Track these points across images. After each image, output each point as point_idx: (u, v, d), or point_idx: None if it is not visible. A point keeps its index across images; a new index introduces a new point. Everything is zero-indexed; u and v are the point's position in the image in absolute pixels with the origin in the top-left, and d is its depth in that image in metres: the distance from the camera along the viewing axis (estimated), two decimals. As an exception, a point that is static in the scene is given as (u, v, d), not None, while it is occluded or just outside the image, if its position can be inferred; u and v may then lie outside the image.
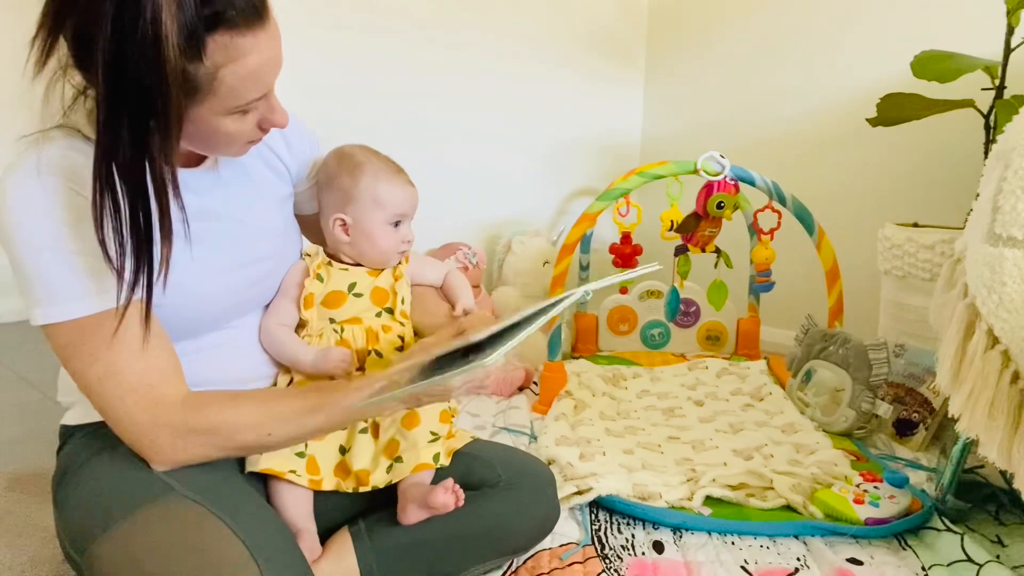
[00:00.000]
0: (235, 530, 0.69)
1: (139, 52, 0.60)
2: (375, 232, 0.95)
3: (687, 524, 1.12)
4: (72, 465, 0.81)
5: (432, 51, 2.21)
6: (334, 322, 0.93)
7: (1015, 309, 0.84)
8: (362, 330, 0.93)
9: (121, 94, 0.62)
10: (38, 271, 0.70)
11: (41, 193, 0.70)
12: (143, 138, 0.64)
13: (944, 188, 1.87)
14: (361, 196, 0.94)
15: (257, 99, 0.72)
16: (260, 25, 0.68)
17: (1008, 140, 0.91)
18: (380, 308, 0.95)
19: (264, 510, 0.78)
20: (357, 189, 0.94)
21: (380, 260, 0.97)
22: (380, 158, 0.97)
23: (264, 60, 0.69)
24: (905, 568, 1.00)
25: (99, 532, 0.72)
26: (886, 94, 1.62)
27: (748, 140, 2.34)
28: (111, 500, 0.74)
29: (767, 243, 1.82)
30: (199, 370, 0.83)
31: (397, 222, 0.96)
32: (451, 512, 0.87)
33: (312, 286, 0.93)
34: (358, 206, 0.94)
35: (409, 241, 0.97)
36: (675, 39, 2.61)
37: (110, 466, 0.77)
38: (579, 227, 1.86)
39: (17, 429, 1.57)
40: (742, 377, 1.81)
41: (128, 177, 0.65)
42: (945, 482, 1.12)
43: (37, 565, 1.03)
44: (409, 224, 0.98)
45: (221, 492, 0.75)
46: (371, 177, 0.94)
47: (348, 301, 0.94)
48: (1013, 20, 1.49)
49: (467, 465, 0.94)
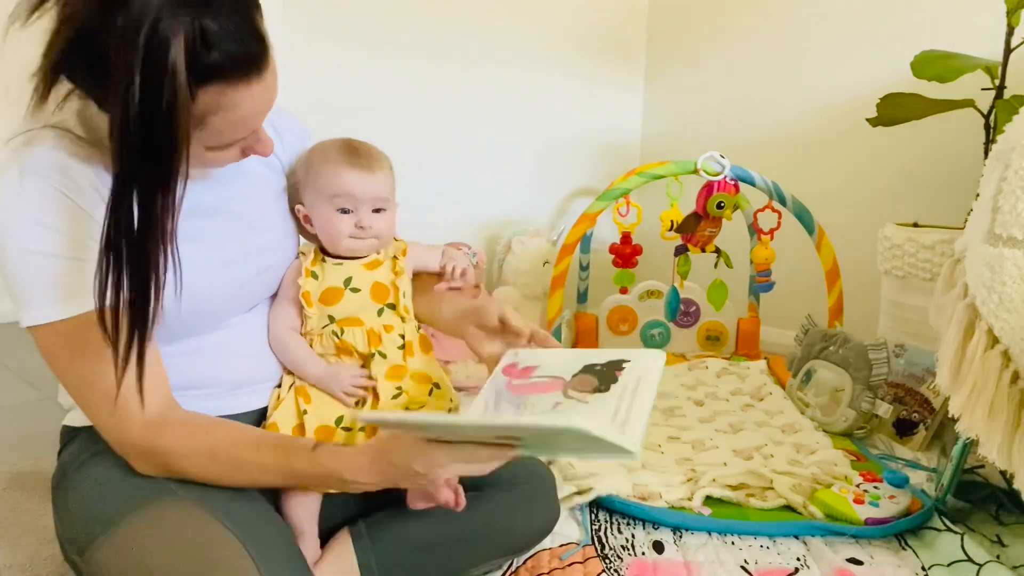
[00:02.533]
0: (234, 532, 0.69)
1: (159, 115, 0.59)
2: (322, 218, 0.92)
3: (687, 524, 1.12)
4: (71, 466, 0.81)
5: (432, 51, 2.21)
6: (333, 321, 0.92)
7: (1015, 309, 0.84)
8: (363, 332, 0.91)
9: (134, 153, 0.60)
10: (22, 274, 0.70)
11: (27, 198, 0.69)
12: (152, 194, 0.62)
13: (944, 188, 1.87)
14: (308, 183, 0.92)
15: (242, 138, 0.72)
16: (257, 77, 0.65)
17: (1008, 140, 0.91)
18: (381, 304, 0.94)
19: (264, 512, 0.78)
20: (307, 176, 0.92)
21: (343, 249, 0.93)
22: (339, 146, 0.92)
23: (255, 109, 0.68)
24: (905, 568, 1.00)
25: (99, 535, 0.72)
26: (886, 94, 1.62)
27: (748, 140, 2.34)
28: (110, 503, 0.74)
29: (767, 243, 1.82)
30: (200, 370, 0.83)
31: (345, 208, 0.91)
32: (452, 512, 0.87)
33: (307, 284, 0.92)
34: (308, 193, 0.92)
35: (363, 227, 0.91)
36: (675, 39, 2.61)
37: (110, 468, 0.77)
38: (579, 227, 1.86)
39: (17, 429, 1.57)
40: (742, 377, 1.81)
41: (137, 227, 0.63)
42: (945, 482, 1.12)
43: (37, 565, 1.03)
44: (367, 210, 0.92)
45: (221, 494, 0.75)
46: (317, 163, 0.91)
47: (345, 297, 0.92)
48: (1013, 20, 1.49)
49: None
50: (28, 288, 0.70)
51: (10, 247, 0.70)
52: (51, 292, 0.70)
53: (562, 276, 1.85)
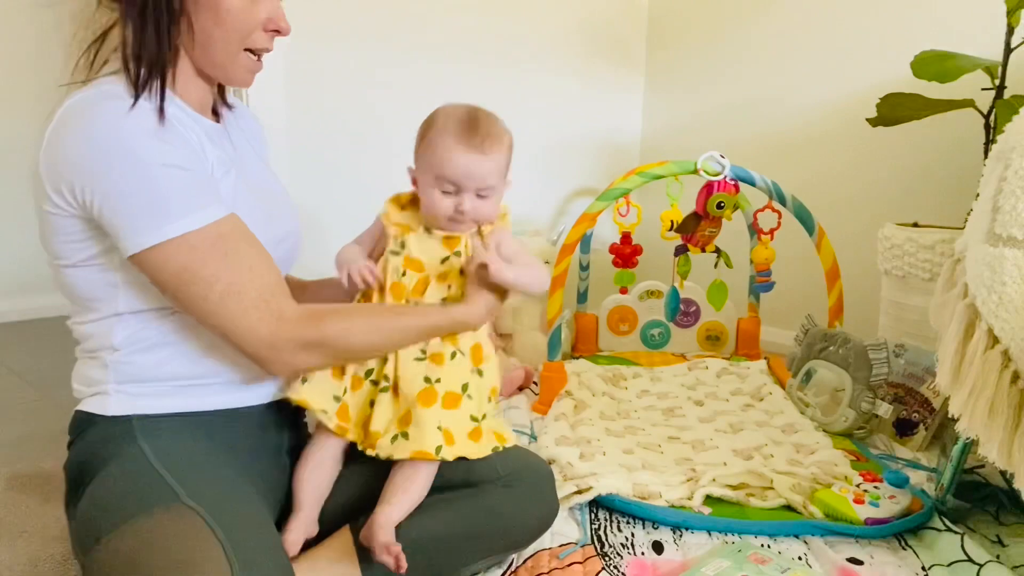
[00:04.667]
0: (226, 547, 0.68)
1: None
2: (425, 191, 0.92)
3: (687, 523, 1.12)
4: (88, 463, 0.80)
5: (431, 52, 2.21)
6: (401, 252, 0.92)
7: (1015, 309, 0.84)
8: (420, 279, 0.92)
9: None
10: (154, 188, 0.72)
11: (139, 118, 0.73)
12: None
13: (944, 188, 1.87)
14: (421, 148, 0.93)
15: None
16: None
17: (1008, 140, 0.91)
18: (445, 285, 0.93)
19: (265, 525, 0.77)
20: (422, 141, 0.93)
21: (439, 226, 0.93)
22: (461, 118, 0.91)
23: None
24: (905, 568, 1.00)
25: (103, 535, 0.72)
26: (886, 94, 1.62)
27: (748, 140, 2.34)
28: (113, 506, 0.74)
29: (767, 243, 1.82)
30: (215, 361, 0.84)
31: (447, 190, 0.90)
32: (451, 508, 0.87)
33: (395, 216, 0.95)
34: (419, 158, 0.93)
35: (463, 212, 0.90)
36: (675, 39, 2.61)
37: (124, 470, 0.77)
38: (579, 227, 1.86)
39: (17, 429, 1.57)
40: (742, 377, 1.81)
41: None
42: (945, 482, 1.12)
43: (37, 565, 1.03)
44: (471, 195, 0.91)
45: (225, 501, 0.74)
46: (434, 133, 0.91)
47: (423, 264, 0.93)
48: (1013, 20, 1.49)
49: (468, 463, 0.94)
50: (163, 201, 0.73)
51: (137, 163, 0.72)
52: (189, 201, 0.74)
53: (562, 276, 1.85)
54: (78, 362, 0.87)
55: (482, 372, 0.94)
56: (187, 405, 0.84)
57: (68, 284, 0.81)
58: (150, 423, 0.81)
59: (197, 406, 0.85)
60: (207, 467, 0.79)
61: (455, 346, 0.91)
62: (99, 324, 0.82)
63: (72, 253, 0.78)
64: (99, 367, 0.83)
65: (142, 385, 0.83)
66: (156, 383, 0.83)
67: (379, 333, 0.86)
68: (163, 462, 0.77)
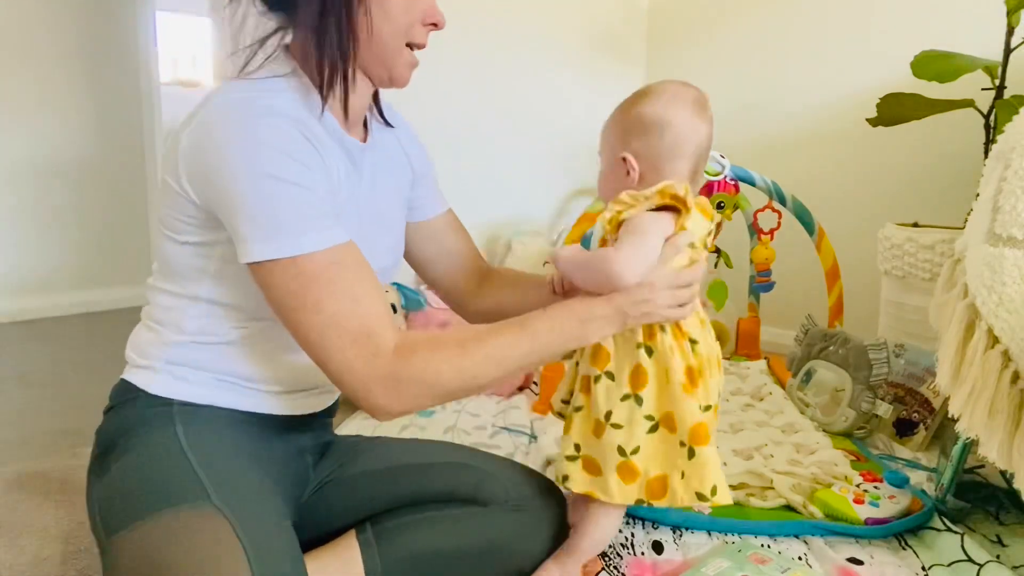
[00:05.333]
0: (248, 553, 0.67)
1: None
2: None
3: (687, 523, 1.12)
4: (121, 437, 0.80)
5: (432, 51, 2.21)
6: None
7: (1015, 309, 0.84)
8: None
9: None
10: (271, 202, 0.70)
11: (276, 131, 0.72)
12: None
13: (944, 188, 1.87)
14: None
15: None
16: None
17: (1008, 140, 0.91)
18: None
19: (290, 537, 0.75)
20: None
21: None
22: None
23: None
24: (905, 568, 1.00)
25: (128, 522, 0.71)
26: (886, 94, 1.62)
27: (748, 140, 2.34)
28: (142, 493, 0.73)
29: (767, 243, 1.82)
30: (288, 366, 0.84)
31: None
32: (459, 526, 0.87)
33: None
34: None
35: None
36: (675, 38, 2.61)
37: (156, 454, 0.76)
38: (579, 227, 1.86)
39: (17, 429, 1.57)
40: (742, 377, 1.81)
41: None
42: (945, 482, 1.12)
43: (37, 565, 1.03)
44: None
45: (252, 506, 0.73)
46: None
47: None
48: (1013, 20, 1.49)
49: (478, 480, 0.92)
50: (277, 217, 0.70)
51: (261, 174, 0.70)
52: (303, 223, 0.71)
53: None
54: (139, 326, 0.86)
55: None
56: (232, 402, 0.83)
57: (165, 253, 0.80)
58: (190, 410, 0.81)
59: (242, 405, 0.84)
60: (237, 466, 0.78)
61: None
62: (177, 299, 0.81)
63: (180, 230, 0.78)
64: (158, 343, 0.82)
65: (195, 372, 0.82)
66: (209, 373, 0.82)
67: (471, 361, 0.76)
68: (196, 454, 0.76)
